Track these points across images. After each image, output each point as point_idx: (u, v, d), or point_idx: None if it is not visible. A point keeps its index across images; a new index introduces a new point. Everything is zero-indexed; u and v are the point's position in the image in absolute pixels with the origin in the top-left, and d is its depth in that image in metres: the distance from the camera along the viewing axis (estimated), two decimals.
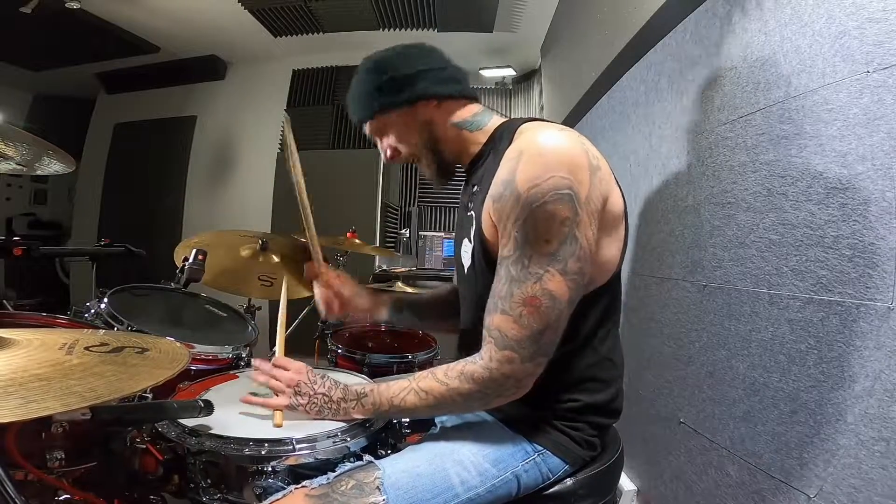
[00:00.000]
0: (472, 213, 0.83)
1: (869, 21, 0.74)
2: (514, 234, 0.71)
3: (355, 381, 0.99)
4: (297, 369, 0.88)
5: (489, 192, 0.76)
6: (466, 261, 0.87)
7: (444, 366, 0.78)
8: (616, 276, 0.82)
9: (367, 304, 1.08)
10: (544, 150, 0.71)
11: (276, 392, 0.86)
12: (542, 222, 0.69)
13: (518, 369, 0.72)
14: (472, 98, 0.91)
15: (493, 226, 0.76)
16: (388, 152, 0.92)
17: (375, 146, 0.96)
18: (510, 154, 0.74)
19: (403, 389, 0.79)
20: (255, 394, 0.90)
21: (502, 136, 0.82)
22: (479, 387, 0.74)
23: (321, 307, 1.07)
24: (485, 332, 0.75)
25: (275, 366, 0.90)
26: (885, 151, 0.71)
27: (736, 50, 1.08)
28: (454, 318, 1.01)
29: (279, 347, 1.01)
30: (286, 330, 1.08)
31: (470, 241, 0.85)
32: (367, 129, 0.92)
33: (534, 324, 0.70)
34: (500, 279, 0.73)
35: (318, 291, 1.06)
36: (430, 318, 1.16)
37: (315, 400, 0.84)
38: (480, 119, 0.88)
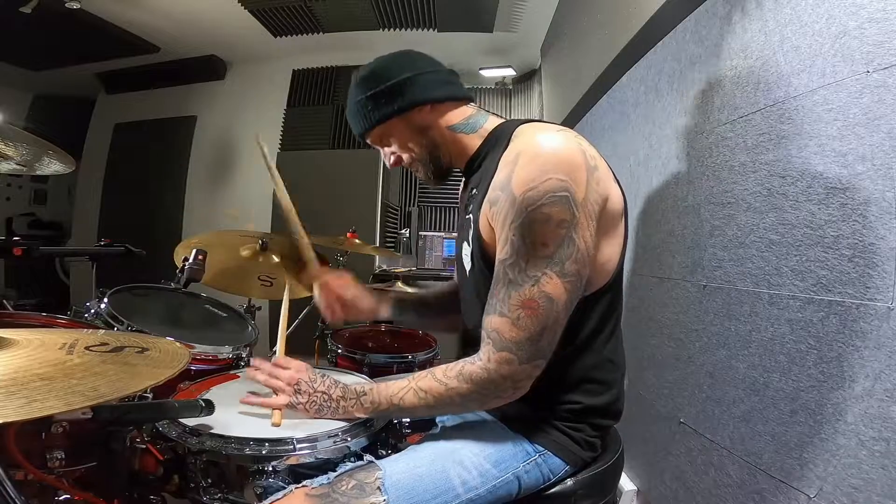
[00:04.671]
0: (471, 215, 0.84)
1: (869, 21, 0.74)
2: (510, 237, 0.71)
3: (355, 381, 0.99)
4: (298, 368, 0.88)
5: (486, 195, 0.76)
6: (468, 264, 0.87)
7: (444, 365, 0.78)
8: (617, 277, 0.82)
9: (370, 305, 1.08)
10: (541, 152, 0.71)
11: (276, 391, 0.87)
12: (538, 225, 0.69)
13: (516, 371, 0.72)
14: (466, 99, 0.90)
15: (490, 229, 0.76)
16: (392, 159, 0.92)
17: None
18: (507, 157, 0.74)
19: (402, 388, 0.79)
20: (255, 393, 0.90)
21: (499, 138, 0.82)
22: (477, 387, 0.74)
23: (323, 312, 1.07)
24: (483, 334, 0.75)
25: (275, 365, 0.90)
26: (885, 151, 0.71)
27: (736, 50, 1.08)
28: (455, 314, 1.02)
29: (280, 347, 1.00)
30: (287, 329, 1.08)
31: (469, 244, 0.85)
32: (369, 139, 0.92)
33: (531, 326, 0.70)
34: (498, 281, 0.73)
35: (318, 295, 1.06)
36: (431, 316, 1.16)
37: (314, 398, 0.84)
38: (476, 121, 0.88)
